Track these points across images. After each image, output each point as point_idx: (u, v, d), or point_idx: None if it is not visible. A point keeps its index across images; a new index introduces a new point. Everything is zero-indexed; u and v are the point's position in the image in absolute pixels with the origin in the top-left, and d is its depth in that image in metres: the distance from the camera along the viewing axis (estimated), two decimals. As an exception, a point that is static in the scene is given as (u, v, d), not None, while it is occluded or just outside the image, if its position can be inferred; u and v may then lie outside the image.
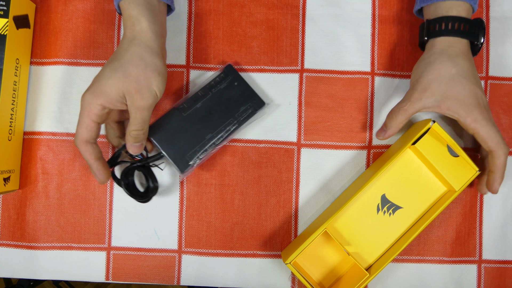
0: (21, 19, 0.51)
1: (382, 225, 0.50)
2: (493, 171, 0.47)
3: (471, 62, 0.47)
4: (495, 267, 0.55)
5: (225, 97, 0.52)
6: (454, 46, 0.47)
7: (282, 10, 0.55)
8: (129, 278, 0.55)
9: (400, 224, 0.50)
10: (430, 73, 0.46)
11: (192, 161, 0.51)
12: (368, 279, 0.47)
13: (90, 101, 0.44)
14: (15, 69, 0.51)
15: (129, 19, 0.45)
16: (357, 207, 0.51)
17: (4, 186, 0.50)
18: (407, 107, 0.47)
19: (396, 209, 0.50)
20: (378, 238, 0.50)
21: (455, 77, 0.46)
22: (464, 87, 0.46)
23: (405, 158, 0.51)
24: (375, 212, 0.50)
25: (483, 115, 0.45)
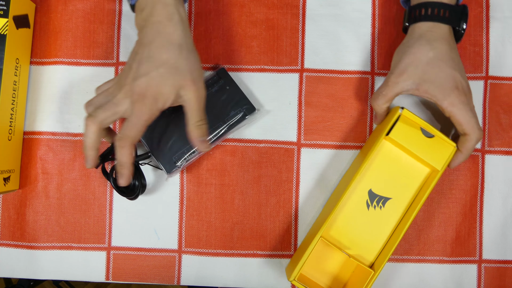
0: (21, 19, 0.51)
1: (376, 220, 0.50)
2: (461, 152, 0.48)
3: (451, 46, 0.47)
4: (495, 267, 0.55)
5: (216, 101, 0.52)
6: (433, 31, 0.47)
7: (282, 10, 0.55)
8: (129, 278, 0.55)
9: (393, 215, 0.50)
10: (407, 56, 0.47)
11: (179, 163, 0.51)
12: (374, 276, 0.47)
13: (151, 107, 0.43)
14: (15, 69, 0.51)
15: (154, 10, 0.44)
16: (348, 208, 0.50)
17: (4, 186, 0.50)
18: (385, 91, 0.48)
19: (386, 201, 0.50)
20: (374, 233, 0.50)
21: (432, 61, 0.46)
22: (441, 70, 0.46)
23: (383, 150, 0.50)
24: (365, 209, 0.50)
25: (459, 99, 0.45)
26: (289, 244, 0.54)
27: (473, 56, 0.55)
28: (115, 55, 0.55)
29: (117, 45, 0.55)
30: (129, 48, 0.55)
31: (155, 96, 0.43)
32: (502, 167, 0.55)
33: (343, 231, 0.50)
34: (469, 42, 0.55)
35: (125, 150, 0.44)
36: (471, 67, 0.55)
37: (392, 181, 0.50)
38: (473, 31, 0.55)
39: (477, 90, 0.55)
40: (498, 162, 0.55)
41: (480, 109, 0.55)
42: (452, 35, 0.48)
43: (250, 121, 0.54)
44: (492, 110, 0.55)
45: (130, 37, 0.55)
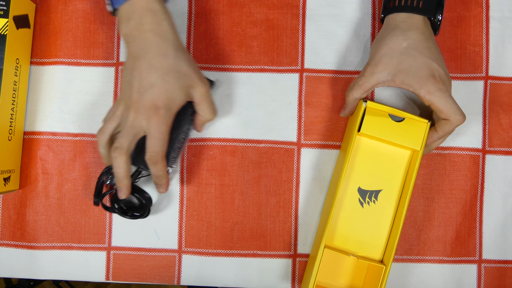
0: (21, 19, 0.51)
1: (373, 215, 0.50)
2: (437, 132, 0.48)
3: (426, 36, 0.47)
4: (495, 267, 0.55)
5: None
6: (407, 21, 0.47)
7: (282, 10, 0.55)
8: (129, 278, 0.55)
9: (388, 205, 0.50)
10: (382, 47, 0.47)
11: (170, 162, 0.51)
12: (386, 270, 0.47)
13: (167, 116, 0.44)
14: (15, 69, 0.51)
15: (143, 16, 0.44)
16: (343, 212, 0.51)
17: (4, 186, 0.50)
18: (361, 82, 0.48)
19: (377, 194, 0.50)
20: (376, 228, 0.50)
21: (406, 50, 0.46)
22: (416, 60, 0.45)
23: (360, 146, 0.50)
24: (360, 207, 0.50)
25: (436, 86, 0.45)
26: (289, 244, 0.54)
27: (473, 56, 0.55)
28: (115, 55, 0.55)
29: (117, 45, 0.55)
30: (129, 48, 0.55)
31: (168, 105, 0.44)
32: (502, 167, 0.55)
33: (345, 234, 0.50)
34: (469, 42, 0.55)
35: (159, 165, 0.46)
36: (471, 67, 0.55)
37: (377, 173, 0.50)
38: (473, 31, 0.55)
39: (477, 90, 0.55)
40: (498, 162, 0.55)
41: (480, 109, 0.55)
42: (427, 25, 0.47)
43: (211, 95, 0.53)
44: (492, 110, 0.55)
45: (130, 37, 0.55)
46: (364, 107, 0.48)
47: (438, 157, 0.55)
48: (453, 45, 0.55)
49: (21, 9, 0.51)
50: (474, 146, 0.55)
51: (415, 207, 0.55)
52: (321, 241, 0.47)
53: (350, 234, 0.50)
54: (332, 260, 0.51)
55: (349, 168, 0.50)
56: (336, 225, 0.50)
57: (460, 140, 0.55)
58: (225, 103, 0.55)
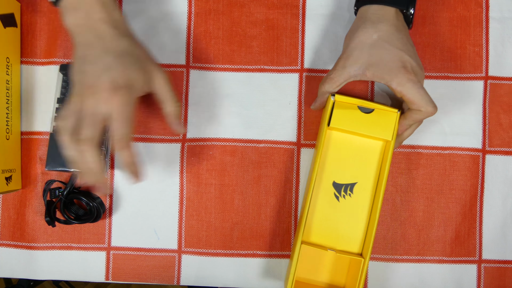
0: (7, 17, 0.51)
1: (349, 208, 0.50)
2: (408, 123, 0.47)
3: (398, 28, 0.46)
4: (495, 267, 0.55)
5: None
6: (378, 13, 0.46)
7: (282, 10, 0.55)
8: (129, 278, 0.54)
9: (364, 197, 0.50)
10: (353, 40, 0.46)
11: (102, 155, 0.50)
12: (365, 263, 0.47)
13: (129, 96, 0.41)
14: (6, 67, 0.51)
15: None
16: (319, 207, 0.51)
17: (7, 185, 0.50)
18: (332, 75, 0.47)
19: (352, 187, 0.50)
20: (353, 221, 0.50)
21: (377, 43, 0.45)
22: (386, 52, 0.45)
23: (330, 140, 0.50)
24: (336, 201, 0.50)
25: (408, 77, 0.44)
26: (289, 244, 0.54)
27: (473, 56, 0.55)
28: (115, 55, 0.55)
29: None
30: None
31: (129, 85, 0.41)
32: (502, 167, 0.55)
33: (323, 229, 0.50)
34: (469, 42, 0.55)
35: (127, 150, 0.42)
36: (471, 67, 0.55)
37: (351, 166, 0.50)
38: (473, 31, 0.55)
39: (477, 90, 0.55)
40: (498, 162, 0.55)
41: (480, 109, 0.55)
42: (400, 18, 0.47)
43: None
44: (492, 110, 0.55)
45: (130, 37, 0.55)
46: (333, 101, 0.48)
47: (438, 157, 0.55)
48: (453, 45, 0.55)
49: (6, 8, 0.51)
50: (474, 146, 0.55)
51: (415, 207, 0.54)
52: (298, 237, 0.48)
53: (327, 229, 0.50)
54: (311, 256, 0.51)
55: (322, 163, 0.50)
56: (312, 220, 0.50)
57: (460, 140, 0.55)
58: (225, 103, 0.55)
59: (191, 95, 0.55)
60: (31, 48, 0.55)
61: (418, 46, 0.55)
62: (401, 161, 0.55)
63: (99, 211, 0.52)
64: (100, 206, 0.53)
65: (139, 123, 0.54)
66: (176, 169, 0.54)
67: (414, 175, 0.54)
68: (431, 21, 0.55)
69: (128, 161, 0.43)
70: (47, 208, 0.51)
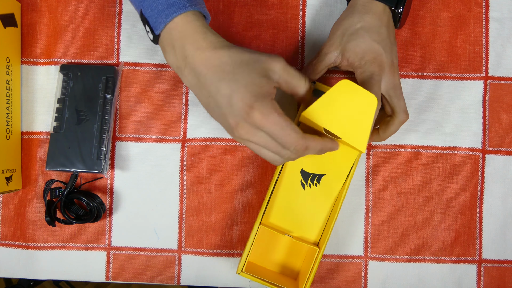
0: (7, 18, 0.51)
1: (313, 198, 0.50)
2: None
3: (382, 22, 0.46)
4: (495, 267, 0.55)
5: (80, 91, 0.53)
6: (367, 6, 0.47)
7: (282, 10, 0.55)
8: (129, 278, 0.55)
9: (330, 189, 0.50)
10: (338, 28, 0.47)
11: (102, 155, 0.51)
12: (319, 253, 0.48)
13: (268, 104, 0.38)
14: (7, 67, 0.51)
15: None
16: (283, 191, 0.50)
17: (7, 185, 0.50)
18: (315, 61, 0.48)
19: (320, 178, 0.50)
20: (314, 211, 0.50)
21: (358, 31, 0.46)
22: (363, 41, 0.46)
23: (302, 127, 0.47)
24: (301, 188, 0.50)
25: (375, 70, 0.45)
26: (289, 244, 0.54)
27: (473, 56, 0.55)
28: (115, 55, 0.55)
29: (117, 45, 0.55)
30: (129, 48, 0.55)
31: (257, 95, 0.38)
32: (502, 167, 0.55)
33: (283, 214, 0.51)
34: (469, 42, 0.55)
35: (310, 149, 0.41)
36: (471, 67, 0.55)
37: (322, 158, 0.50)
38: (473, 31, 0.55)
39: (477, 90, 0.55)
40: (498, 162, 0.55)
41: (480, 109, 0.55)
42: (388, 14, 0.47)
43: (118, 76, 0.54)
44: (492, 110, 0.55)
45: (130, 37, 0.55)
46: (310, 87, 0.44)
47: (438, 157, 0.55)
48: (453, 45, 0.55)
49: (6, 8, 0.51)
50: (474, 146, 0.55)
51: (415, 207, 0.55)
52: (258, 218, 0.48)
53: (287, 214, 0.50)
54: (267, 239, 0.51)
55: None
56: (274, 203, 0.50)
57: (460, 140, 0.55)
58: (225, 103, 0.55)
59: (191, 95, 0.55)
60: (31, 48, 0.55)
61: (418, 46, 0.55)
62: (401, 161, 0.55)
63: (99, 211, 0.52)
64: (100, 206, 0.53)
65: (139, 123, 0.54)
66: (176, 169, 0.54)
67: (414, 175, 0.55)
68: (431, 21, 0.55)
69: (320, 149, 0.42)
70: (47, 208, 0.51)
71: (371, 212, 0.54)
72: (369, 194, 0.54)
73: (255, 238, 0.48)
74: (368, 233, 0.54)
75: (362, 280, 0.54)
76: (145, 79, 0.55)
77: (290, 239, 0.51)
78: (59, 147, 0.52)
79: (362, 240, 0.54)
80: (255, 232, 0.48)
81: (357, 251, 0.54)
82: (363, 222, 0.54)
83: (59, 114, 0.52)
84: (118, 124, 0.54)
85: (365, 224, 0.54)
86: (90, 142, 0.51)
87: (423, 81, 0.55)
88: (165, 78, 0.55)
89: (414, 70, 0.55)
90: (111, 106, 0.52)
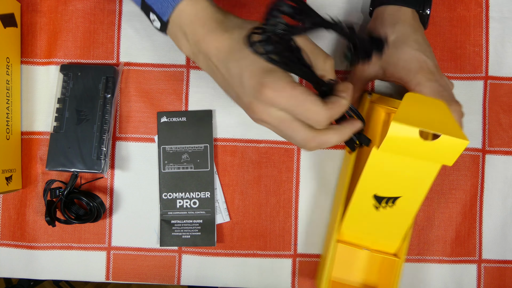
0: (7, 17, 0.51)
1: (388, 217, 0.46)
2: None
3: (415, 28, 0.46)
4: (495, 267, 0.55)
5: (80, 91, 0.53)
6: (395, 15, 0.46)
7: (282, 10, 0.55)
8: (129, 278, 0.55)
9: (408, 208, 0.45)
10: None
11: (102, 155, 0.51)
12: (400, 263, 0.47)
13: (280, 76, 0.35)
14: (7, 68, 0.51)
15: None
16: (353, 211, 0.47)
17: (7, 185, 0.50)
18: (353, 80, 0.48)
19: (395, 200, 0.45)
20: (390, 228, 0.47)
21: (394, 44, 0.45)
22: (404, 52, 0.45)
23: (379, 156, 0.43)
24: (374, 210, 0.47)
25: (426, 77, 0.44)
26: (289, 244, 0.54)
27: (473, 56, 0.55)
28: (115, 56, 0.55)
29: (117, 45, 0.55)
30: (129, 48, 0.55)
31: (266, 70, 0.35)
32: (502, 167, 0.55)
33: (357, 230, 0.49)
34: (469, 42, 0.55)
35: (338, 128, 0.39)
36: (471, 67, 0.55)
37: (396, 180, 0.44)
38: (473, 31, 0.55)
39: (477, 90, 0.55)
40: (498, 162, 0.55)
41: (480, 109, 0.55)
42: (416, 19, 0.47)
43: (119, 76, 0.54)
44: (492, 110, 0.55)
45: (130, 37, 0.55)
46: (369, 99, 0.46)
47: (438, 157, 0.55)
48: (453, 45, 0.55)
49: (5, 8, 0.51)
50: (474, 146, 0.55)
51: (415, 207, 0.55)
52: (333, 236, 0.47)
53: (363, 230, 0.49)
54: (345, 255, 0.50)
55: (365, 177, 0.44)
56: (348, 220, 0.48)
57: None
58: (225, 103, 0.55)
59: (191, 95, 0.55)
60: (31, 48, 0.55)
61: (418, 46, 0.55)
62: (401, 161, 0.55)
63: (100, 211, 0.52)
64: (101, 206, 0.53)
65: (139, 123, 0.54)
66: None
67: (414, 175, 0.54)
68: (431, 21, 0.55)
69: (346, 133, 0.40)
70: (48, 208, 0.51)
71: (371, 212, 0.54)
72: (369, 194, 0.54)
73: (334, 256, 0.47)
74: (368, 233, 0.54)
75: (362, 280, 0.54)
76: (145, 79, 0.55)
77: (368, 253, 0.50)
78: (59, 147, 0.52)
79: (362, 240, 0.54)
80: (332, 249, 0.47)
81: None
82: (363, 222, 0.54)
83: (59, 114, 0.52)
84: (118, 124, 0.54)
85: (365, 224, 0.54)
86: (90, 142, 0.51)
87: (423, 81, 0.55)
88: (165, 78, 0.55)
89: (414, 70, 0.55)
90: (111, 106, 0.52)
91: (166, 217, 0.53)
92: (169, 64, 0.55)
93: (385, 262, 0.50)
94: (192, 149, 0.53)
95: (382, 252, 0.49)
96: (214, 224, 0.53)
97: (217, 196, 0.54)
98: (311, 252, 0.54)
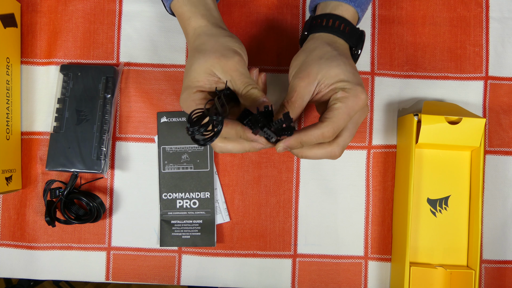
0: (7, 18, 0.51)
1: (448, 221, 0.51)
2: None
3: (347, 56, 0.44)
4: (495, 267, 0.55)
5: (80, 91, 0.53)
6: (331, 39, 0.45)
7: (282, 10, 0.55)
8: (129, 278, 0.55)
9: (461, 207, 0.51)
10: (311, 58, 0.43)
11: (102, 155, 0.51)
12: (476, 275, 0.48)
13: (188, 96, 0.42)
14: (7, 68, 0.51)
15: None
16: (419, 226, 0.51)
17: (7, 185, 0.50)
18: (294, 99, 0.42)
19: (447, 200, 0.51)
20: (454, 233, 0.51)
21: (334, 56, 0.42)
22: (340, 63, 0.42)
23: (418, 158, 0.51)
24: (433, 217, 0.51)
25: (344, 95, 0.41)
26: (289, 244, 0.54)
27: (473, 56, 0.55)
28: (115, 55, 0.55)
29: (117, 45, 0.55)
30: (129, 48, 0.55)
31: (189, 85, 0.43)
32: (502, 167, 0.55)
33: (426, 247, 0.51)
34: (469, 42, 0.55)
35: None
36: (471, 67, 0.55)
37: (442, 180, 0.51)
38: (473, 31, 0.55)
39: (477, 90, 0.55)
40: (498, 162, 0.55)
41: (480, 109, 0.55)
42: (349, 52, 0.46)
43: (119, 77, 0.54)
44: (492, 110, 0.55)
45: (130, 37, 0.55)
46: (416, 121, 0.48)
47: (438, 157, 0.55)
48: (453, 45, 0.55)
49: (6, 8, 0.51)
50: (474, 146, 0.55)
51: (415, 207, 0.54)
52: (405, 258, 0.48)
53: (430, 245, 0.50)
54: (420, 276, 0.50)
55: (414, 182, 0.50)
56: (414, 240, 0.51)
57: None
58: (225, 103, 0.55)
59: (191, 95, 0.55)
60: (31, 48, 0.55)
61: (418, 46, 0.55)
62: (401, 161, 0.54)
63: (99, 211, 0.52)
64: (100, 206, 0.53)
65: (139, 123, 0.54)
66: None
67: (414, 175, 0.55)
68: (431, 21, 0.55)
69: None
70: (47, 208, 0.51)
71: (371, 212, 0.54)
72: (369, 194, 0.54)
73: (410, 280, 0.48)
74: (368, 233, 0.54)
75: (362, 280, 0.54)
76: (145, 79, 0.55)
77: (443, 270, 0.50)
78: (59, 147, 0.52)
79: (362, 240, 0.54)
80: (408, 272, 0.48)
81: (357, 251, 0.54)
82: (363, 222, 0.54)
83: (59, 114, 0.52)
84: (118, 124, 0.54)
85: (365, 224, 0.54)
86: (90, 142, 0.51)
87: (423, 81, 0.55)
88: (165, 78, 0.55)
89: (414, 70, 0.55)
90: (111, 106, 0.52)
91: (166, 217, 0.53)
92: (169, 64, 0.55)
93: (459, 276, 0.50)
94: (192, 149, 0.53)
95: (454, 266, 0.50)
96: (214, 224, 0.53)
97: (217, 196, 0.54)
98: (311, 252, 0.54)
